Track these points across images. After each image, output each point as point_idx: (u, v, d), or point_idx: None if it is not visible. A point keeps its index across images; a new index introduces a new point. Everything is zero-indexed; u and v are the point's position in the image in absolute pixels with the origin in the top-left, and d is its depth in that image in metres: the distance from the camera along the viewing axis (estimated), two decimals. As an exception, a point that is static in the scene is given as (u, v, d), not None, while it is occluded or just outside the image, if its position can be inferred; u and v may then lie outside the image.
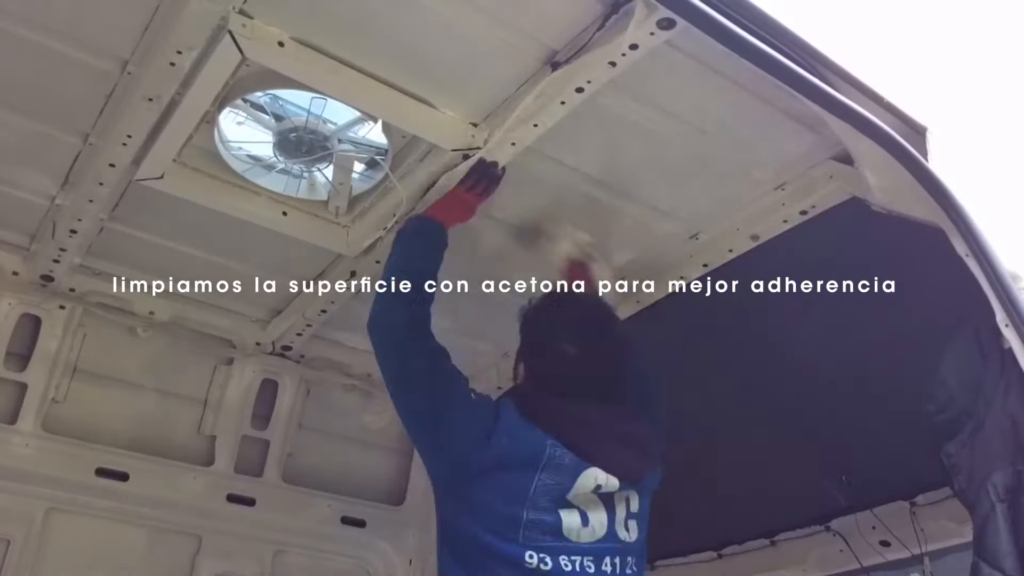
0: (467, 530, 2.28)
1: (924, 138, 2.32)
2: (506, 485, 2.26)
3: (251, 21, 2.24)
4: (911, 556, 3.07)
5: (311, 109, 2.75)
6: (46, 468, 3.19)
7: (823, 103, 2.19)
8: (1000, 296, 2.14)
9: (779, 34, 2.14)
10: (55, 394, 3.28)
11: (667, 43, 2.19)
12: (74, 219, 2.94)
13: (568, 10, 2.24)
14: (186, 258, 3.23)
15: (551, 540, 2.24)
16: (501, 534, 2.23)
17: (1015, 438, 2.20)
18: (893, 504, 3.11)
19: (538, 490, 2.25)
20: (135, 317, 3.41)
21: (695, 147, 2.66)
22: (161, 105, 2.46)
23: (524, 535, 2.23)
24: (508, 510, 2.24)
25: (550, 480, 2.25)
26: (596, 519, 2.29)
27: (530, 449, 2.26)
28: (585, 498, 2.28)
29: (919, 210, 2.31)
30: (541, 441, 2.26)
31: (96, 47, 2.39)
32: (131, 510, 3.33)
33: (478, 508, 2.27)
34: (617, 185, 2.85)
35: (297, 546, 3.64)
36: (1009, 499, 2.16)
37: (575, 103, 2.41)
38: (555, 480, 2.26)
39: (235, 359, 3.62)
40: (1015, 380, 2.17)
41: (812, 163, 2.64)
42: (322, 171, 2.91)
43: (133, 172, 2.71)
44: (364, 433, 3.89)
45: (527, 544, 2.23)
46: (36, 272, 3.20)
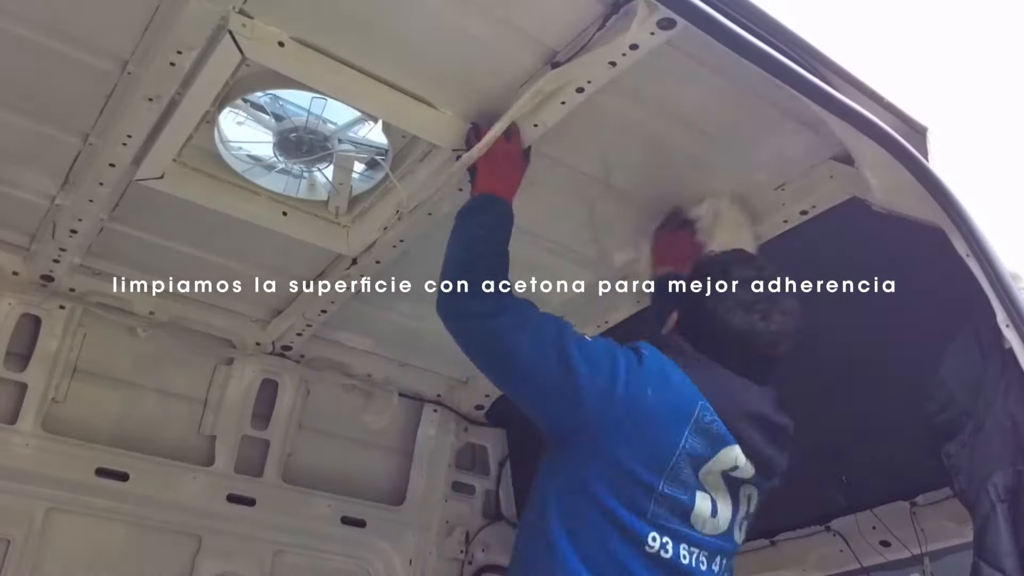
0: (588, 491, 2.02)
1: (924, 138, 2.32)
2: (648, 439, 2.03)
3: (251, 21, 2.24)
4: (911, 556, 3.07)
5: (311, 109, 2.75)
6: (46, 468, 3.19)
7: (823, 103, 2.19)
8: (1000, 296, 2.14)
9: (779, 34, 2.14)
10: (55, 394, 3.28)
11: (667, 43, 2.19)
12: (74, 219, 2.94)
13: (568, 10, 2.24)
14: (186, 258, 3.24)
15: (677, 524, 2.04)
16: (628, 503, 2.01)
17: (1015, 438, 2.20)
18: (893, 504, 3.12)
19: (683, 454, 2.02)
20: (135, 317, 3.41)
21: (695, 147, 2.66)
22: (161, 105, 2.46)
23: (653, 511, 2.01)
24: (644, 475, 2.01)
25: (696, 444, 2.04)
26: (723, 511, 2.11)
27: (680, 401, 2.06)
28: (715, 481, 2.08)
29: (919, 210, 2.31)
30: (693, 396, 2.06)
31: (96, 47, 2.39)
32: (131, 510, 3.33)
33: (608, 465, 2.03)
34: (617, 185, 2.85)
35: (297, 546, 3.64)
36: (1009, 499, 2.16)
37: (575, 103, 2.41)
38: (700, 446, 2.04)
39: (235, 359, 3.62)
40: (1015, 380, 2.17)
41: (812, 163, 2.64)
42: (322, 171, 2.91)
43: (133, 172, 2.71)
44: (364, 433, 3.89)
45: (654, 523, 2.01)
46: (36, 272, 3.20)
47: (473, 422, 4.08)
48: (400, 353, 3.82)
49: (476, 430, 4.09)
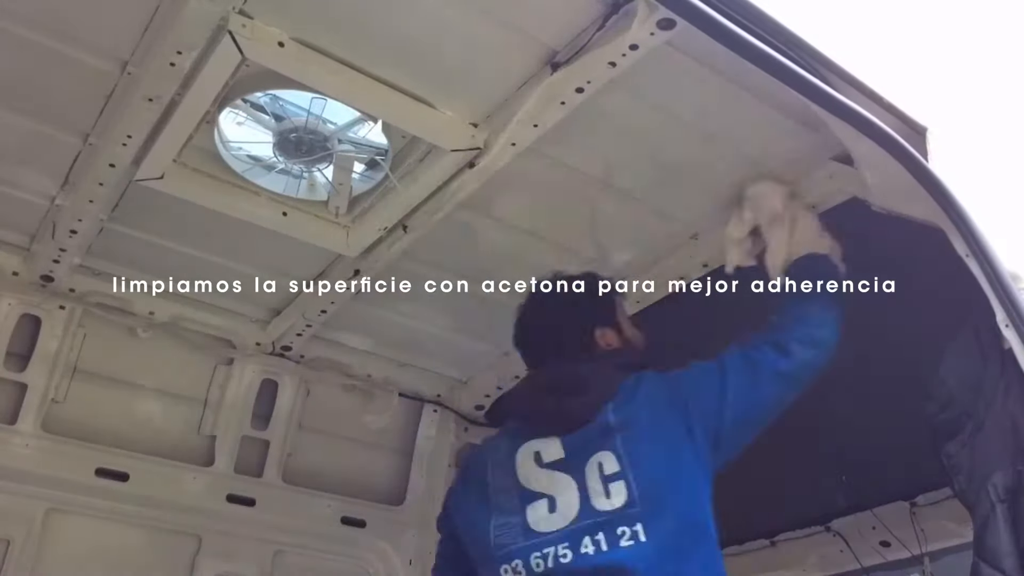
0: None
1: (924, 138, 2.33)
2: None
3: (251, 21, 2.24)
4: (911, 556, 3.07)
5: (311, 109, 2.75)
6: (46, 468, 3.19)
7: (823, 103, 2.19)
8: (1000, 296, 2.15)
9: (779, 34, 2.14)
10: (55, 394, 3.27)
11: (667, 43, 2.19)
12: (74, 219, 2.93)
13: (568, 10, 2.24)
14: (186, 258, 3.23)
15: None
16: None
17: (1015, 438, 2.20)
18: (893, 504, 3.12)
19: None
20: (135, 317, 3.40)
21: (695, 147, 2.66)
22: (161, 105, 2.46)
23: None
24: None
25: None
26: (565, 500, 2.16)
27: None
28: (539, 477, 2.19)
29: (919, 210, 2.32)
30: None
31: (96, 47, 2.39)
32: (131, 510, 3.33)
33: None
34: (617, 185, 2.85)
35: (297, 546, 3.63)
36: (1009, 499, 2.16)
37: (575, 103, 2.41)
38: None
39: (235, 359, 3.62)
40: (1015, 380, 2.17)
41: (812, 163, 2.64)
42: (322, 171, 2.91)
43: (133, 172, 2.71)
44: (364, 433, 3.88)
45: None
46: (36, 272, 3.20)
47: (473, 422, 4.07)
48: (400, 353, 3.81)
49: (476, 430, 4.08)
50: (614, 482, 2.10)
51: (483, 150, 2.60)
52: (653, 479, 2.10)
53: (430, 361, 3.86)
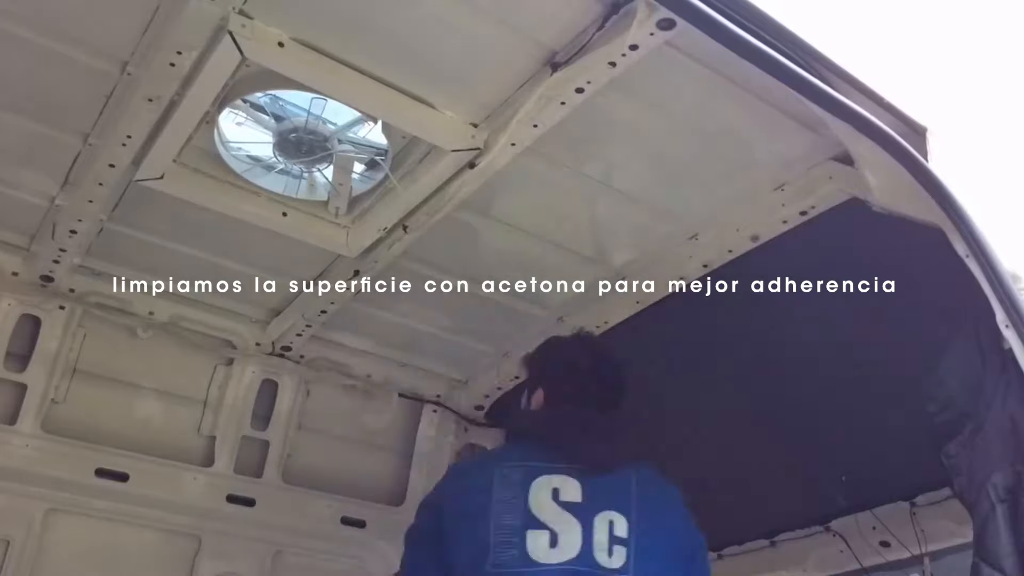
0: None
1: (924, 138, 2.32)
2: None
3: (251, 21, 2.24)
4: (911, 556, 3.07)
5: (311, 109, 2.75)
6: (46, 468, 3.19)
7: (823, 104, 2.19)
8: (1000, 296, 2.14)
9: (779, 35, 2.14)
10: (55, 395, 3.28)
11: (667, 43, 2.19)
12: (74, 219, 2.94)
13: (568, 11, 2.24)
14: (186, 258, 3.23)
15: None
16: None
17: (1015, 438, 2.20)
18: (893, 504, 3.12)
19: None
20: (135, 317, 3.41)
21: (695, 147, 2.66)
22: (161, 105, 2.46)
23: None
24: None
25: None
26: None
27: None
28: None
29: (919, 210, 2.31)
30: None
31: (96, 47, 2.39)
32: (131, 510, 3.33)
33: None
34: (617, 185, 2.85)
35: (297, 546, 3.64)
36: (1009, 499, 2.16)
37: (575, 103, 2.41)
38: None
39: (235, 359, 3.62)
40: (1015, 380, 2.17)
41: (812, 163, 2.64)
42: (322, 171, 2.91)
43: (133, 172, 2.71)
44: (364, 433, 3.88)
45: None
46: (36, 272, 3.20)
47: (473, 422, 4.07)
48: (400, 353, 3.81)
49: (476, 430, 4.08)
50: (619, 546, 2.23)
51: (483, 150, 2.60)
52: (649, 571, 2.25)
53: (430, 361, 3.86)
